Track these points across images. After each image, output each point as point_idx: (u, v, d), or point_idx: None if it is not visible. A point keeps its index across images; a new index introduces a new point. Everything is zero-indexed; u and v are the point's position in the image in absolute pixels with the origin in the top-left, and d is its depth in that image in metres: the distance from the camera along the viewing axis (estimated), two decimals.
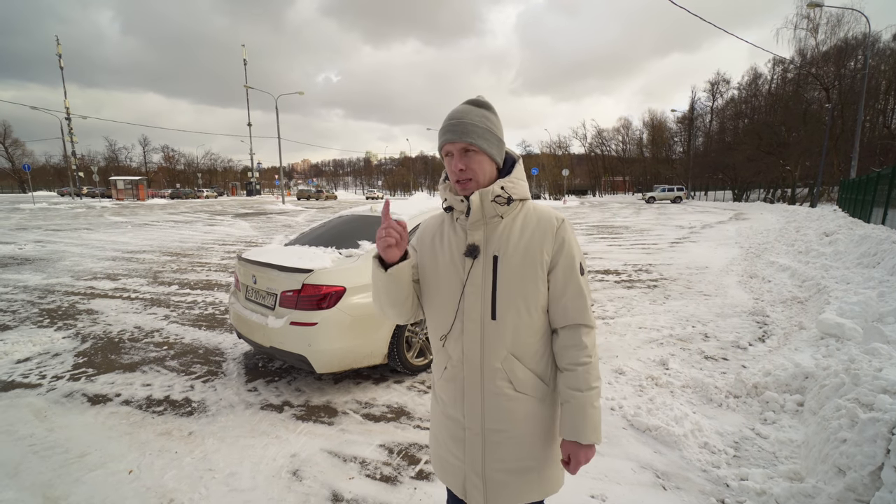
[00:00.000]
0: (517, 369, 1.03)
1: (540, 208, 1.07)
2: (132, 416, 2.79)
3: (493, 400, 1.04)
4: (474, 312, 1.02)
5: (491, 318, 1.01)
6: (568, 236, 1.04)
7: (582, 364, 1.01)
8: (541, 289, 1.03)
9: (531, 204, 1.08)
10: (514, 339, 1.03)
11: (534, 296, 1.02)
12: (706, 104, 50.73)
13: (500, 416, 1.04)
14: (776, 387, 2.88)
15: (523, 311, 1.02)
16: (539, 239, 1.02)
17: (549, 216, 1.04)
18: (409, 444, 2.49)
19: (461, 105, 1.04)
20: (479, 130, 1.00)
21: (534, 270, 1.01)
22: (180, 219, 19.52)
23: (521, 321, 1.02)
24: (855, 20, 30.25)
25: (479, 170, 1.01)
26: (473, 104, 1.04)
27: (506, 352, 1.03)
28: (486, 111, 1.03)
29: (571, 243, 1.04)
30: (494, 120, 1.04)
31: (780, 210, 22.28)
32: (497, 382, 1.03)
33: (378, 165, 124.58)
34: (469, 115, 1.00)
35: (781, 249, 8.91)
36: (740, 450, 2.38)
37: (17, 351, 3.90)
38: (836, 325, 3.50)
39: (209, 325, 4.66)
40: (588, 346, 1.02)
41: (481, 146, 0.99)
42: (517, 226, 1.03)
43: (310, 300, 2.88)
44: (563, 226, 1.04)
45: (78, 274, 7.31)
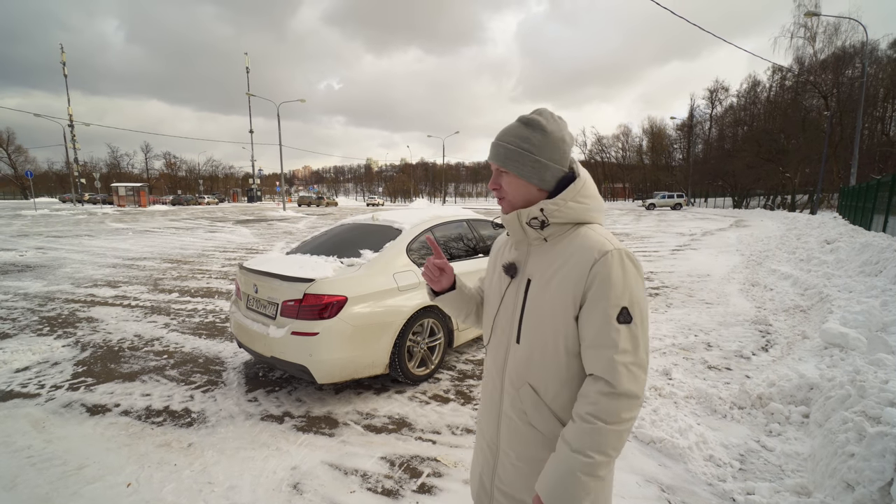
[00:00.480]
0: (533, 402, 0.96)
1: (590, 236, 0.92)
2: (131, 427, 2.77)
3: (508, 423, 1.01)
4: (504, 332, 1.03)
5: (516, 341, 0.99)
6: (608, 273, 0.86)
7: (584, 420, 0.85)
8: (568, 328, 0.91)
9: (586, 230, 0.94)
10: (535, 371, 0.95)
11: (559, 333, 0.92)
12: (705, 111, 51.13)
13: (512, 440, 1.01)
14: (781, 398, 2.85)
15: (549, 345, 0.93)
16: (572, 272, 0.90)
17: (591, 246, 0.90)
18: (410, 456, 2.46)
19: (512, 122, 1.00)
20: (513, 153, 0.96)
21: (562, 306, 0.91)
22: (181, 225, 19.55)
23: (544, 355, 0.94)
24: (852, 29, 30.58)
25: (511, 191, 0.99)
26: (520, 122, 0.98)
27: (524, 381, 0.97)
28: (531, 131, 0.95)
29: (612, 282, 0.86)
30: (536, 140, 0.95)
31: (781, 217, 22.29)
32: (513, 408, 1.00)
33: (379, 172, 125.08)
34: (507, 136, 0.97)
35: (783, 257, 8.90)
36: (746, 463, 2.35)
37: (16, 360, 3.88)
38: (839, 335, 3.48)
39: (209, 333, 4.65)
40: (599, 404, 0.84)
41: (510, 170, 0.96)
42: (558, 252, 0.95)
43: (311, 310, 2.86)
44: (606, 260, 0.87)
45: (78, 281, 7.30)
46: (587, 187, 0.97)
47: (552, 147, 0.96)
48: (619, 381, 0.84)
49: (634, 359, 0.86)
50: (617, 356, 0.84)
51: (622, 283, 0.87)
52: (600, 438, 0.83)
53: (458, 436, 2.67)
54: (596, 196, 0.99)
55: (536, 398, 0.95)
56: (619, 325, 0.85)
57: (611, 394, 0.84)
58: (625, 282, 0.87)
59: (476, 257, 3.99)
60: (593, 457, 0.83)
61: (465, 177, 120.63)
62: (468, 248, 4.00)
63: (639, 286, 0.89)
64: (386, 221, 3.81)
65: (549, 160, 0.96)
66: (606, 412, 0.84)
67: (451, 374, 3.57)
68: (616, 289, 0.86)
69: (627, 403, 0.85)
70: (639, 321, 0.87)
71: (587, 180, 0.98)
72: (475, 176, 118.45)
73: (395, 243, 3.43)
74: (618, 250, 0.89)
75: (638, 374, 0.86)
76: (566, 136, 0.98)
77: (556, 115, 1.00)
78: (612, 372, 0.84)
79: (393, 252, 3.36)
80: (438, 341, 3.50)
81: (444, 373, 3.60)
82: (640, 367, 0.86)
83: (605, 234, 0.93)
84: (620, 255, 0.88)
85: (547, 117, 0.97)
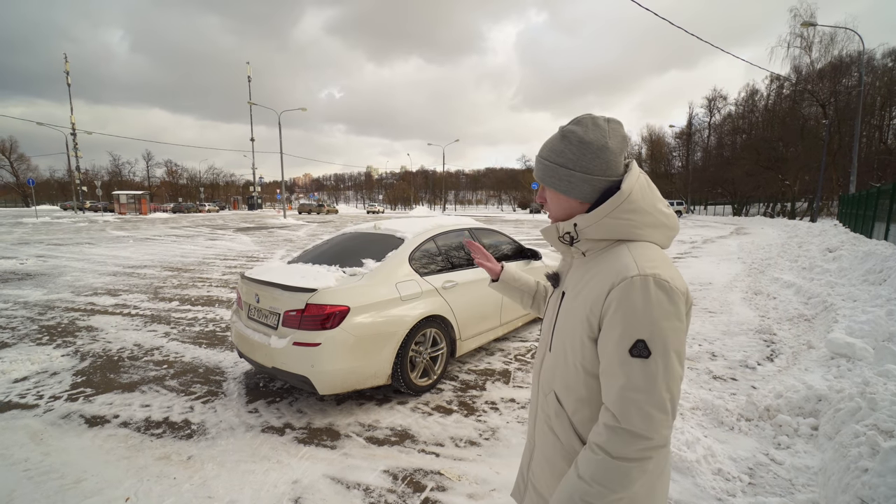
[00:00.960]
0: (556, 410, 0.97)
1: (620, 257, 0.86)
2: (130, 439, 2.73)
3: (539, 422, 1.05)
4: (544, 336, 1.06)
5: (549, 348, 1.02)
6: (625, 300, 0.79)
7: (591, 448, 0.82)
8: (586, 350, 0.88)
9: (623, 248, 0.87)
10: (559, 381, 0.96)
11: (578, 351, 0.89)
12: (704, 120, 51.43)
13: (540, 438, 1.04)
14: (789, 409, 2.82)
15: (569, 360, 0.92)
16: (592, 293, 0.86)
17: (616, 269, 0.83)
18: (413, 469, 2.42)
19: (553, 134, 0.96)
20: (549, 170, 0.94)
21: (580, 325, 0.88)
22: (182, 233, 19.56)
23: (567, 369, 0.93)
24: (848, 39, 30.87)
25: (552, 204, 0.99)
26: (559, 134, 0.94)
27: (550, 388, 0.99)
28: (566, 144, 0.91)
29: (628, 311, 0.79)
30: (572, 153, 0.90)
31: (781, 225, 22.30)
32: (541, 410, 1.03)
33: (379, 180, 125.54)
34: (545, 151, 0.95)
35: (785, 265, 8.87)
36: (755, 476, 2.31)
37: (14, 370, 3.84)
38: (846, 345, 3.45)
39: (210, 342, 4.61)
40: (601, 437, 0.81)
41: (548, 186, 0.96)
42: (589, 269, 0.92)
43: (313, 320, 2.84)
44: (624, 286, 0.80)
45: (78, 289, 7.28)
46: (630, 201, 0.87)
47: (592, 157, 0.89)
48: (626, 417, 0.78)
49: (647, 397, 0.78)
50: (626, 392, 0.79)
51: (642, 313, 0.78)
52: (604, 471, 0.80)
53: (462, 448, 2.63)
54: (644, 210, 0.89)
55: (559, 407, 0.96)
56: (633, 358, 0.78)
57: (615, 428, 0.80)
58: (645, 312, 0.78)
59: (478, 266, 3.97)
60: (594, 487, 0.80)
61: (464, 184, 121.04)
62: (467, 257, 3.99)
63: (666, 318, 0.79)
64: (388, 230, 3.80)
65: (589, 172, 0.90)
66: (611, 446, 0.79)
67: (454, 385, 3.53)
68: (632, 319, 0.79)
69: (634, 442, 0.78)
70: (660, 357, 0.78)
71: (632, 193, 0.87)
72: (475, 184, 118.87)
73: (398, 252, 3.41)
74: (643, 276, 0.80)
75: (651, 413, 0.77)
76: (611, 143, 0.89)
77: (603, 118, 0.93)
78: (619, 406, 0.79)
79: (395, 261, 3.34)
80: (441, 351, 3.47)
81: (447, 383, 3.56)
82: (655, 407, 0.78)
83: (641, 256, 0.84)
84: (646, 281, 0.79)
85: (586, 125, 0.91)
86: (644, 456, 0.79)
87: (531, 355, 4.19)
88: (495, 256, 4.26)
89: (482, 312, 3.86)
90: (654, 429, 0.78)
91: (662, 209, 0.92)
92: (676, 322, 0.80)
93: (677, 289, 0.81)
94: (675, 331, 0.80)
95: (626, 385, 0.79)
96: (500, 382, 3.58)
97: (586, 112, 0.97)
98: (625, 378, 0.79)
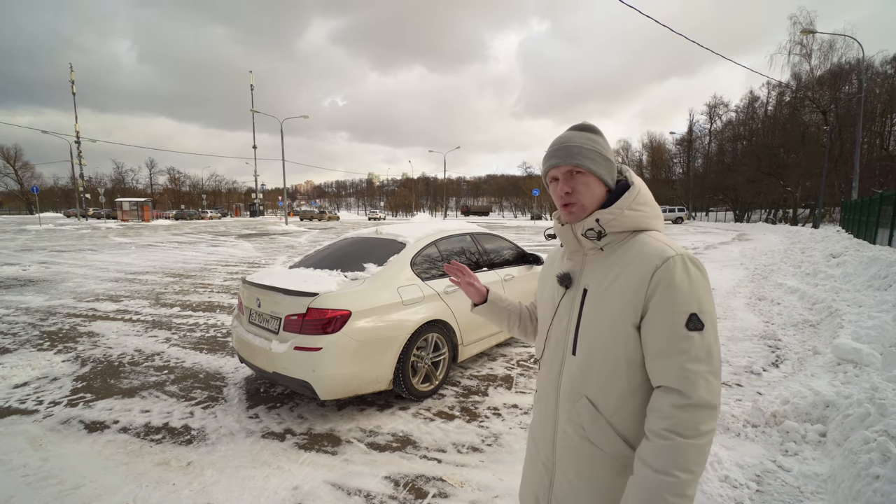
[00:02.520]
0: (592, 416, 0.92)
1: (649, 242, 0.90)
2: (129, 445, 2.70)
3: (564, 438, 0.98)
4: (559, 343, 1.01)
5: (572, 353, 0.96)
6: (672, 279, 0.83)
7: (660, 437, 0.80)
8: (628, 338, 0.88)
9: (644, 237, 0.92)
10: (593, 383, 0.92)
11: (618, 343, 0.89)
12: (704, 126, 51.58)
13: (568, 457, 0.97)
14: (796, 416, 2.78)
15: (608, 356, 0.90)
16: (632, 279, 0.87)
17: (652, 252, 0.87)
18: (415, 475, 2.39)
19: (566, 131, 1.00)
20: (586, 151, 0.95)
21: (621, 315, 0.88)
22: (184, 239, 19.61)
23: (603, 366, 0.91)
24: (847, 46, 31.06)
25: (587, 192, 0.95)
26: (578, 128, 0.99)
27: (581, 394, 0.94)
28: (592, 134, 0.98)
29: (675, 287, 0.83)
30: (601, 142, 0.97)
31: (783, 231, 22.25)
32: (570, 423, 0.96)
33: (380, 186, 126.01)
34: (574, 139, 0.97)
35: (788, 271, 8.83)
36: (763, 484, 2.27)
37: (15, 375, 3.82)
38: (852, 351, 3.41)
39: (210, 348, 4.59)
40: (675, 418, 0.79)
41: (588, 167, 0.94)
42: (615, 261, 0.93)
43: (315, 324, 2.83)
44: (668, 266, 0.84)
45: (80, 295, 7.28)
46: (642, 195, 0.95)
47: (610, 151, 0.99)
48: (695, 391, 0.79)
49: (709, 367, 0.81)
50: (690, 365, 0.80)
51: (688, 289, 0.83)
52: (681, 455, 0.78)
53: (464, 454, 2.60)
54: (652, 203, 0.97)
55: (595, 412, 0.92)
56: (690, 332, 0.82)
57: (686, 406, 0.79)
58: (691, 287, 0.83)
59: (480, 271, 3.96)
60: (678, 476, 0.77)
61: (465, 191, 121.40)
62: (471, 262, 3.97)
63: (706, 291, 0.85)
64: (390, 235, 3.80)
65: (611, 160, 0.98)
66: (683, 426, 0.79)
67: (456, 391, 3.50)
68: (682, 295, 0.83)
69: (705, 415, 0.79)
70: (710, 327, 0.83)
71: (642, 187, 0.97)
72: (476, 190, 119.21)
73: (399, 257, 3.40)
74: (680, 255, 0.86)
75: (713, 382, 0.81)
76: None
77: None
78: (685, 382, 0.80)
79: (397, 266, 3.33)
80: (443, 356, 3.44)
81: (449, 389, 3.53)
82: (714, 376, 0.82)
83: (666, 240, 0.91)
84: (683, 259, 0.85)
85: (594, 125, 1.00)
86: (714, 427, 0.81)
87: (534, 361, 4.15)
88: (497, 261, 4.26)
89: None
90: (717, 397, 0.82)
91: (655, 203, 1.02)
92: (711, 295, 0.88)
93: (703, 266, 0.89)
94: (712, 302, 0.87)
95: (689, 359, 0.81)
96: (503, 388, 3.55)
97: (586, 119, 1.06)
98: (686, 353, 0.81)
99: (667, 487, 0.78)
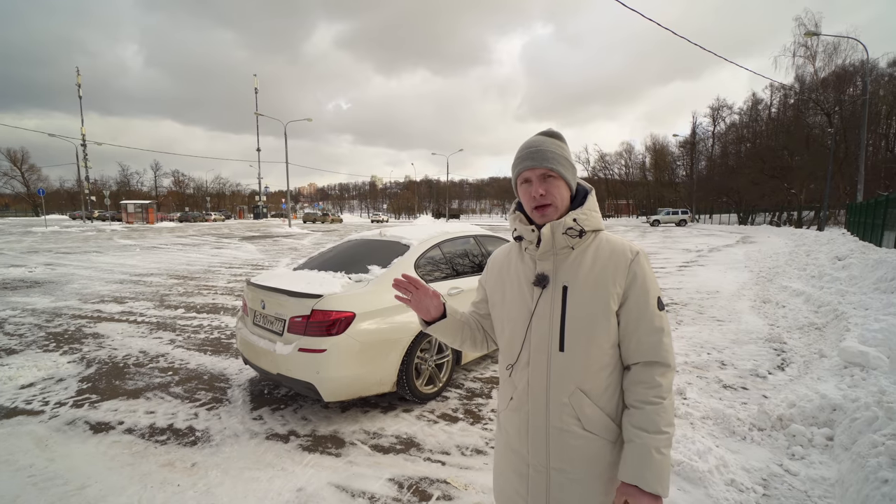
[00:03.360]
0: (585, 406, 0.99)
1: (613, 240, 1.04)
2: (134, 446, 2.72)
3: (559, 437, 1.00)
4: (542, 343, 1.02)
5: (559, 349, 1.00)
6: (642, 270, 1.00)
7: (651, 403, 0.96)
8: (611, 323, 1.00)
9: (605, 235, 1.06)
10: (583, 374, 0.99)
11: (604, 329, 0.99)
12: (707, 129, 51.43)
13: (565, 454, 1.00)
14: (802, 419, 2.76)
15: (594, 345, 0.99)
16: (611, 271, 1.00)
17: (622, 248, 1.02)
18: (419, 478, 2.38)
19: (535, 136, 1.08)
20: (558, 157, 1.03)
21: (605, 303, 0.99)
22: (188, 242, 19.71)
23: (591, 355, 0.99)
24: (851, 48, 30.96)
25: (559, 195, 1.03)
26: (547, 135, 1.07)
27: (574, 386, 0.99)
28: (560, 141, 1.07)
29: (646, 277, 1.00)
30: (567, 149, 1.07)
31: (788, 233, 22.12)
32: (564, 419, 1.00)
33: (383, 189, 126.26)
34: (545, 144, 1.04)
35: (793, 274, 8.77)
36: (769, 488, 2.25)
37: (21, 376, 3.85)
38: (859, 354, 3.38)
39: (214, 349, 4.61)
40: (661, 385, 0.97)
41: (560, 172, 1.02)
42: (588, 257, 1.02)
43: (319, 326, 2.83)
44: (638, 259, 1.01)
45: (85, 297, 7.33)
46: (594, 199, 1.09)
47: (571, 155, 1.09)
48: (668, 358, 0.98)
49: (670, 338, 1.01)
50: (664, 338, 0.99)
51: (651, 279, 1.01)
52: (667, 413, 0.96)
53: (468, 457, 2.59)
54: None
55: (588, 401, 0.99)
56: (660, 311, 1.00)
57: (666, 373, 0.98)
58: (651, 276, 1.02)
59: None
60: (668, 431, 0.95)
61: (468, 194, 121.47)
62: (474, 264, 3.97)
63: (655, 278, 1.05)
64: (394, 237, 3.81)
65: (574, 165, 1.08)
66: (665, 390, 0.97)
67: (460, 393, 3.49)
68: (650, 282, 1.01)
69: (672, 376, 1.00)
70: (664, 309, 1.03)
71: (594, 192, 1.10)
72: (479, 193, 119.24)
73: (404, 259, 3.41)
74: (640, 250, 1.03)
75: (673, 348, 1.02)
76: None
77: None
78: (663, 353, 0.98)
79: (401, 268, 3.33)
80: (446, 359, 3.44)
81: (453, 391, 3.52)
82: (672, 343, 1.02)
83: (623, 238, 1.07)
84: (642, 254, 1.03)
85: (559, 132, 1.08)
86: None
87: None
88: None
89: None
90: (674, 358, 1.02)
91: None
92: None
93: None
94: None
95: (664, 334, 0.99)
96: None
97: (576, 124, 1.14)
98: (660, 329, 0.99)
99: (662, 442, 0.94)
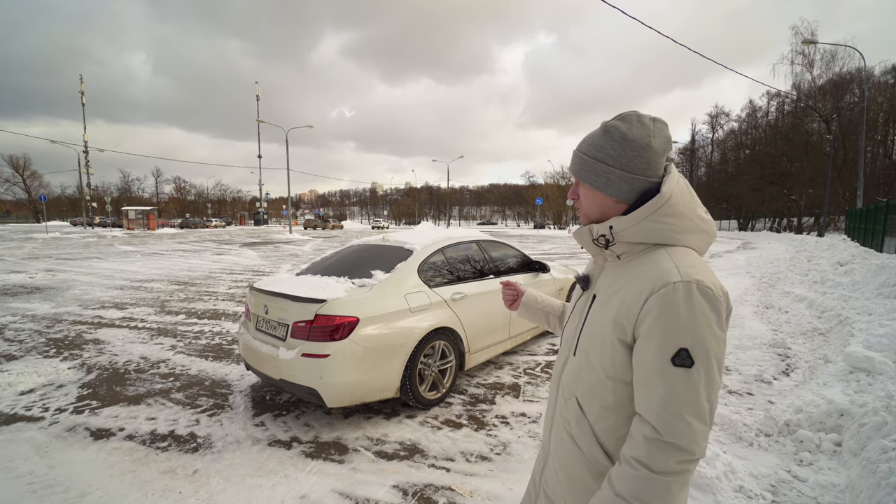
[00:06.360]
0: (577, 416, 0.92)
1: (659, 262, 0.82)
2: (135, 453, 2.69)
3: (556, 429, 1.01)
4: (567, 341, 1.03)
5: (573, 353, 0.98)
6: (666, 307, 0.76)
7: (629, 464, 0.78)
8: (616, 353, 0.84)
9: (661, 253, 0.84)
10: (582, 387, 0.92)
11: (608, 356, 0.86)
12: (706, 136, 51.70)
13: (556, 445, 1.00)
14: (809, 425, 2.73)
15: (594, 366, 0.89)
16: (627, 298, 0.83)
17: (655, 274, 0.80)
18: (424, 484, 2.35)
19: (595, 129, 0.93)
20: (587, 164, 0.90)
21: (612, 329, 0.84)
22: (189, 248, 19.70)
23: (591, 375, 0.90)
24: (848, 56, 31.23)
25: (586, 202, 0.94)
26: (601, 129, 0.91)
27: (572, 393, 0.96)
28: (608, 139, 0.88)
29: (670, 318, 0.76)
30: (613, 149, 0.87)
31: (788, 239, 22.13)
32: (560, 416, 1.00)
33: (384, 196, 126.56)
34: (584, 146, 0.92)
35: (795, 279, 8.76)
36: (778, 494, 2.23)
37: (21, 382, 3.82)
38: (865, 359, 3.36)
39: (216, 355, 4.58)
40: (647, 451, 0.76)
41: (585, 181, 0.91)
42: (623, 272, 0.88)
43: (322, 331, 2.82)
44: (666, 293, 0.77)
45: (86, 303, 7.30)
46: (671, 205, 0.84)
47: (633, 156, 0.86)
48: (669, 429, 0.75)
49: (692, 408, 0.75)
50: (669, 402, 0.76)
51: (685, 321, 0.76)
52: (646, 487, 0.76)
53: (473, 463, 2.56)
54: (684, 215, 0.86)
55: (580, 413, 0.93)
56: (675, 367, 0.75)
57: (657, 441, 0.76)
58: (689, 319, 0.76)
59: (486, 278, 3.95)
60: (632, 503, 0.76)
61: (469, 200, 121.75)
62: (476, 269, 3.96)
63: (710, 326, 0.76)
64: (397, 242, 3.80)
65: (629, 170, 0.87)
66: (652, 460, 0.76)
67: (463, 399, 3.47)
68: (675, 326, 0.76)
69: (676, 455, 0.75)
70: (702, 366, 0.75)
71: (672, 196, 0.85)
72: (479, 199, 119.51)
73: (407, 264, 3.40)
74: (686, 283, 0.77)
75: (694, 426, 0.75)
76: (654, 143, 0.87)
77: (649, 117, 0.89)
78: (660, 418, 0.76)
79: (404, 273, 3.33)
80: (450, 364, 3.42)
81: (456, 397, 3.50)
82: (698, 419, 0.75)
83: (682, 261, 0.81)
84: (689, 287, 0.76)
85: (630, 122, 0.88)
86: (686, 469, 0.76)
87: (541, 369, 4.12)
88: (502, 269, 4.25)
89: (491, 325, 3.82)
90: (696, 441, 0.76)
91: (702, 214, 0.89)
92: (719, 331, 0.77)
93: (720, 296, 0.78)
94: (718, 340, 0.77)
95: (668, 395, 0.76)
96: (510, 396, 3.52)
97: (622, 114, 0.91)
98: (666, 388, 0.76)
99: None
